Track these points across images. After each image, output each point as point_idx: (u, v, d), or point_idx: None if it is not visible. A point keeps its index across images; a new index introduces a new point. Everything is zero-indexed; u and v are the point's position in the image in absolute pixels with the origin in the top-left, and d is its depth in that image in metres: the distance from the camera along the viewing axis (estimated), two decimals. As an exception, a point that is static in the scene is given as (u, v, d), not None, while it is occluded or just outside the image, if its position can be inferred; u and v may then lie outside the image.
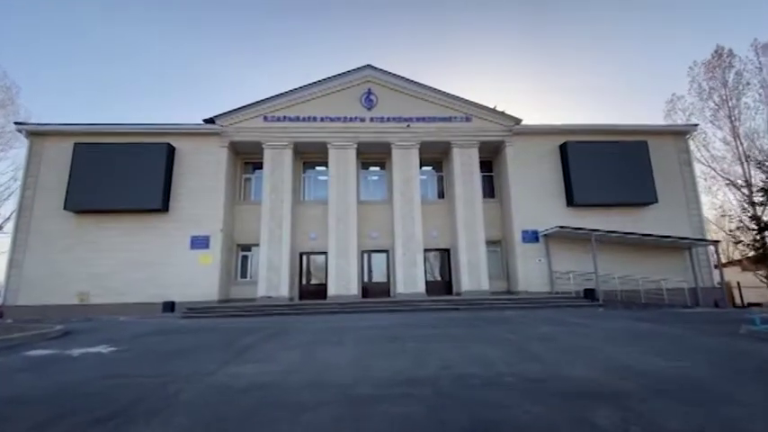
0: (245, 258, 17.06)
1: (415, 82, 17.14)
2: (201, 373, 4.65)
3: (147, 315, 13.76)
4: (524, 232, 16.29)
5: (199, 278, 15.07)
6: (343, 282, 15.48)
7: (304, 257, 17.22)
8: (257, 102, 16.49)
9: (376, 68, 17.15)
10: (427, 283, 16.16)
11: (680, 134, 17.91)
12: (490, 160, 18.38)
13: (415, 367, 4.83)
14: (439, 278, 17.65)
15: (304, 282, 17.07)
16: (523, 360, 5.17)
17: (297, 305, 13.73)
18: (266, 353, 6.03)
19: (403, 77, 17.14)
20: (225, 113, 16.25)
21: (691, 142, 18.55)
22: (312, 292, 16.85)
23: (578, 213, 16.56)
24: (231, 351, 6.21)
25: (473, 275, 15.82)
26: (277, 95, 16.59)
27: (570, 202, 16.48)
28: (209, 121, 16.19)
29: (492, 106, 17.22)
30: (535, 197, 16.68)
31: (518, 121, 17.11)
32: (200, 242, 15.41)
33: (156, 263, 15.09)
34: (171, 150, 15.76)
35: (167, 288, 14.83)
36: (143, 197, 15.05)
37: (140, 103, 73.74)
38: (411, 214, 16.23)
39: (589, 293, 14.79)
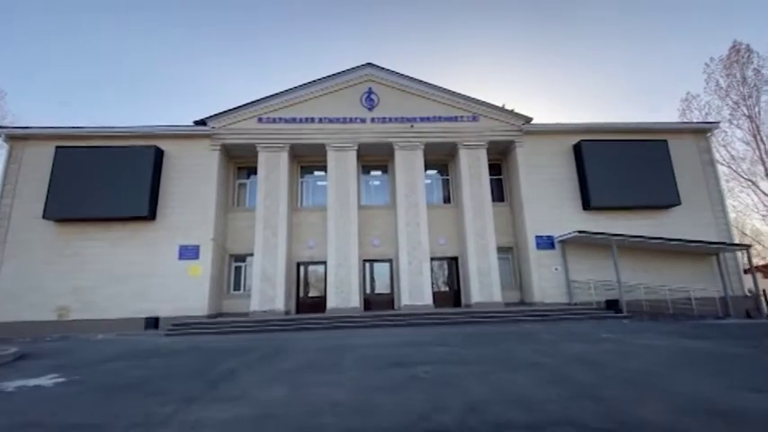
0: (238, 270, 15.92)
1: (419, 80, 16.18)
2: (151, 421, 3.50)
3: (129, 332, 12.60)
4: (538, 238, 15.12)
5: (187, 291, 13.92)
6: (343, 293, 14.30)
7: (301, 268, 16.06)
8: (251, 102, 15.54)
9: (377, 66, 16.22)
10: (434, 294, 14.95)
11: (700, 132, 16.82)
12: (498, 163, 17.30)
13: (433, 408, 3.67)
14: (446, 289, 16.43)
15: (301, 294, 15.88)
16: (573, 395, 3.99)
17: (293, 320, 12.54)
18: (245, 385, 4.88)
19: (405, 75, 16.20)
20: (217, 115, 15.29)
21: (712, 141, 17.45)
22: (310, 304, 15.67)
23: (595, 217, 15.41)
24: (203, 382, 5.06)
25: (484, 285, 14.61)
26: (272, 95, 15.64)
27: (586, 205, 15.34)
28: (201, 123, 15.22)
29: (500, 105, 16.22)
30: (549, 201, 15.55)
31: (528, 119, 16.08)
32: (189, 252, 14.30)
33: (142, 275, 13.95)
34: (159, 154, 14.76)
35: (153, 302, 13.68)
36: (128, 204, 13.99)
37: (135, 105, 71.65)
38: (416, 220, 15.11)
39: (612, 304, 13.55)
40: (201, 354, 7.56)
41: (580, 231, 13.83)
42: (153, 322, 12.16)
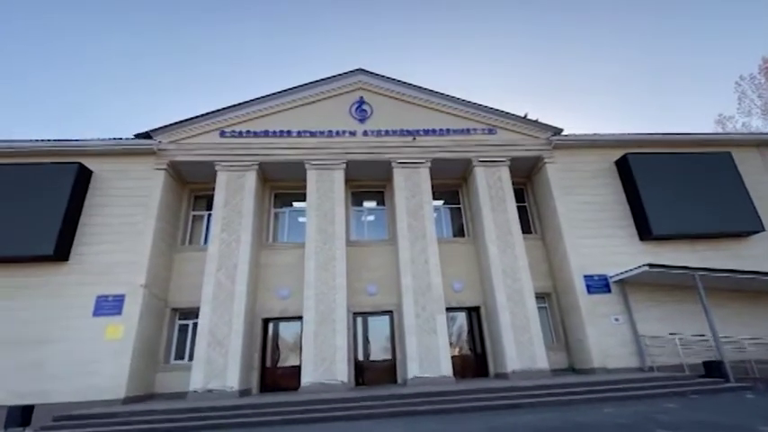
0: (183, 330, 11.71)
1: (420, 87, 13.34)
2: None
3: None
4: (588, 278, 11.34)
5: (99, 362, 9.65)
6: (325, 362, 10.07)
7: (270, 326, 11.91)
8: (212, 112, 12.41)
9: (369, 73, 13.44)
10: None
11: (766, 146, 13.84)
12: (520, 188, 13.98)
13: None
14: (468, 351, 12.22)
15: (269, 362, 11.55)
16: None
17: (246, 407, 8.19)
18: None
19: (404, 83, 13.38)
20: (166, 126, 12.04)
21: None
22: (281, 376, 11.32)
23: (656, 249, 11.82)
24: None
25: (522, 346, 10.51)
26: (239, 104, 12.58)
27: (645, 233, 11.79)
28: (144, 136, 11.94)
29: (522, 115, 13.26)
30: (592, 230, 12.02)
31: (558, 130, 13.06)
32: (109, 305, 10.23)
33: (38, 340, 9.74)
34: (84, 175, 11.25)
35: (46, 381, 9.36)
36: (29, 240, 10.17)
37: (63, 122, 60.97)
38: (424, 256, 11.35)
39: (712, 368, 9.46)
40: None
41: (651, 265, 10.08)
42: (19, 416, 7.68)
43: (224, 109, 12.45)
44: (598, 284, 11.31)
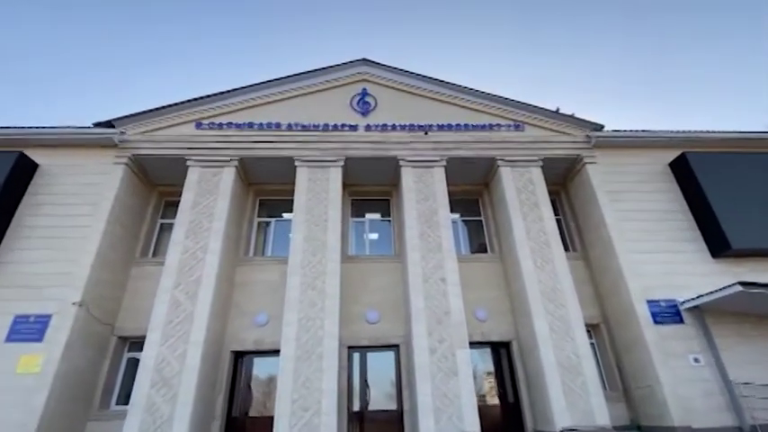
0: (134, 365, 9.19)
1: (432, 78, 11.49)
2: None
3: None
4: (653, 304, 8.76)
5: (8, 405, 7.16)
6: (307, 413, 7.42)
7: (243, 362, 9.35)
8: (189, 101, 10.56)
9: (374, 63, 11.69)
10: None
11: None
12: (553, 197, 11.66)
13: None
14: (495, 400, 9.45)
15: (237, 410, 8.87)
16: None
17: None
18: None
19: (414, 73, 11.56)
20: (132, 115, 10.17)
21: None
22: (251, 431, 8.61)
23: (734, 269, 9.26)
24: None
25: (574, 394, 7.80)
26: (222, 93, 10.76)
27: (719, 248, 9.32)
28: (106, 125, 10.06)
29: (554, 109, 11.28)
30: (652, 244, 9.59)
31: (598, 126, 10.98)
32: (29, 329, 7.87)
33: (-72, 374, 7.36)
34: (24, 167, 9.29)
35: (-75, 432, 6.87)
36: (-59, 242, 8.06)
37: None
38: (440, 273, 8.93)
39: None
40: None
41: (744, 284, 7.52)
42: None
43: (204, 98, 10.63)
44: (666, 312, 8.72)
